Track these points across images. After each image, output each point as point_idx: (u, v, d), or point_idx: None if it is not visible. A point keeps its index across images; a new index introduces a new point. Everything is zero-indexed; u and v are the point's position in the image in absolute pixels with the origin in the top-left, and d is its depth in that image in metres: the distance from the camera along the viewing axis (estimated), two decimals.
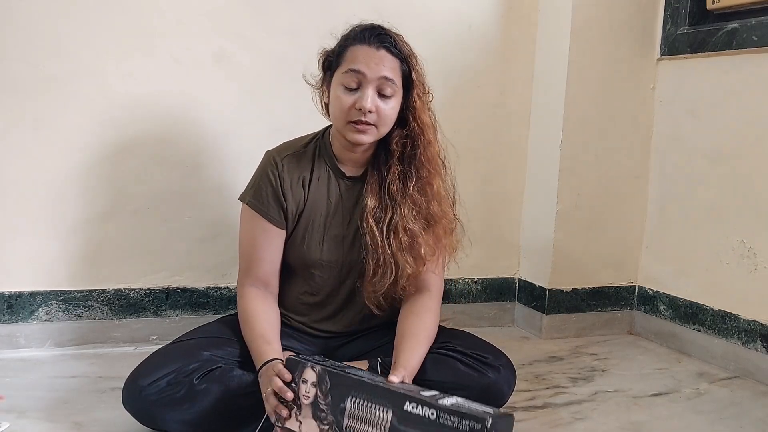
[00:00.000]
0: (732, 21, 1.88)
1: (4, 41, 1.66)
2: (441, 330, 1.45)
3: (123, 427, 1.31)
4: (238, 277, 1.44)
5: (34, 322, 1.76)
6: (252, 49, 1.85)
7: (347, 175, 1.42)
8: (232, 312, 1.72)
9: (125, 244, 1.82)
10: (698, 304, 1.98)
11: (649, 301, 2.15)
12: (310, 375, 1.10)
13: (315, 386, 1.10)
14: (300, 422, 1.11)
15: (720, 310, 1.91)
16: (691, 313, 2.00)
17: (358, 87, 1.30)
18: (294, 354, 1.43)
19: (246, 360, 1.35)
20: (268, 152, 1.43)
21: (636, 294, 2.19)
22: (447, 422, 0.97)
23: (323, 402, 1.08)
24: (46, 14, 1.68)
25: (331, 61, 1.36)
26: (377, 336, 1.45)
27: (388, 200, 1.36)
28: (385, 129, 1.34)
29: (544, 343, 2.06)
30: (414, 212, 1.35)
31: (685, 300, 2.02)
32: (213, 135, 1.85)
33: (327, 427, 1.09)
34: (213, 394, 1.23)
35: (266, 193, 1.38)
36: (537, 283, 2.15)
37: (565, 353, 1.97)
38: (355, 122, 1.30)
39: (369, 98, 1.28)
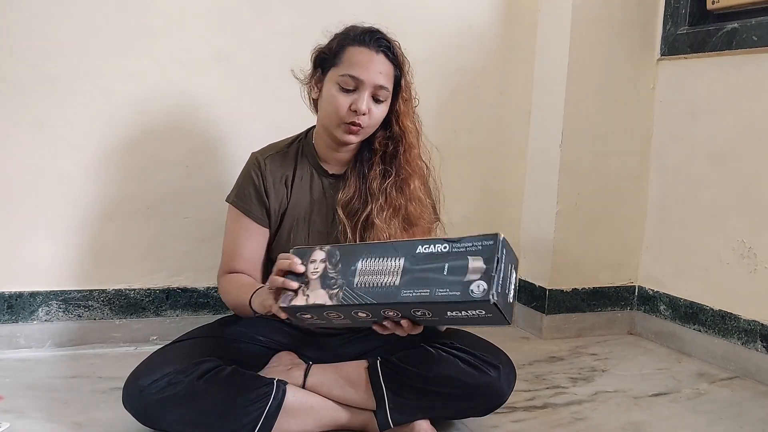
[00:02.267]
0: (732, 21, 1.88)
1: (4, 41, 1.66)
2: (441, 330, 1.45)
3: (123, 427, 1.31)
4: (217, 273, 1.47)
5: (34, 322, 1.76)
6: (252, 49, 1.85)
7: (330, 172, 1.45)
8: (232, 312, 1.72)
9: (125, 244, 1.82)
10: (698, 304, 1.98)
11: (649, 301, 2.15)
12: (318, 255, 1.14)
13: (324, 261, 1.13)
14: (307, 296, 1.12)
15: (720, 310, 1.91)
16: (691, 313, 2.00)
17: (355, 89, 1.33)
18: (295, 354, 1.44)
19: (246, 359, 1.36)
20: (252, 153, 1.48)
21: (636, 294, 2.19)
22: (460, 249, 1.03)
23: (333, 271, 1.12)
24: (46, 14, 1.68)
25: (325, 59, 1.39)
26: (378, 335, 1.44)
27: (368, 196, 1.40)
28: (371, 130, 1.39)
29: (544, 343, 2.06)
30: (390, 210, 1.39)
31: (685, 300, 2.02)
32: (213, 135, 1.85)
33: (336, 290, 1.10)
34: (213, 394, 1.23)
35: (249, 192, 1.42)
36: (537, 283, 2.15)
37: (565, 353, 1.97)
38: (349, 123, 1.34)
39: (365, 102, 1.33)
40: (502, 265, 1.02)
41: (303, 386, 1.32)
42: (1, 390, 1.48)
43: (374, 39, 1.35)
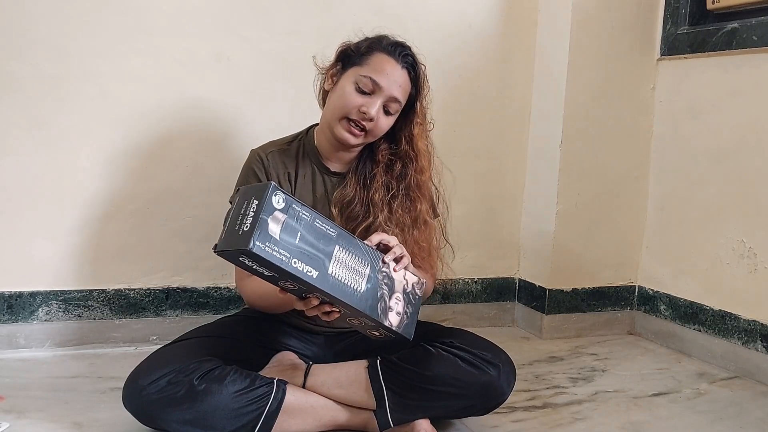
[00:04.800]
0: (732, 21, 1.88)
1: (4, 41, 1.66)
2: (441, 329, 1.46)
3: (123, 427, 1.31)
4: (235, 277, 1.45)
5: (34, 322, 1.76)
6: (252, 49, 1.85)
7: (332, 170, 1.46)
8: (232, 312, 1.72)
9: (125, 244, 1.82)
10: (698, 304, 1.98)
11: (649, 301, 2.15)
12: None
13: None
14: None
15: (720, 310, 1.91)
16: (691, 313, 2.00)
17: (370, 93, 1.35)
18: (295, 354, 1.44)
19: (246, 359, 1.36)
20: (252, 150, 1.47)
21: (636, 294, 2.19)
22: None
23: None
24: (46, 15, 1.68)
25: (350, 56, 1.40)
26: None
27: (370, 206, 1.40)
28: (372, 138, 1.40)
29: (544, 343, 2.06)
30: (395, 229, 1.38)
31: (685, 300, 2.02)
32: (213, 135, 1.85)
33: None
34: (213, 394, 1.23)
35: None
36: (537, 283, 2.15)
37: (565, 353, 1.97)
38: (352, 121, 1.35)
39: (376, 107, 1.34)
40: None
41: (303, 386, 1.32)
42: (1, 390, 1.48)
43: (402, 54, 1.38)
